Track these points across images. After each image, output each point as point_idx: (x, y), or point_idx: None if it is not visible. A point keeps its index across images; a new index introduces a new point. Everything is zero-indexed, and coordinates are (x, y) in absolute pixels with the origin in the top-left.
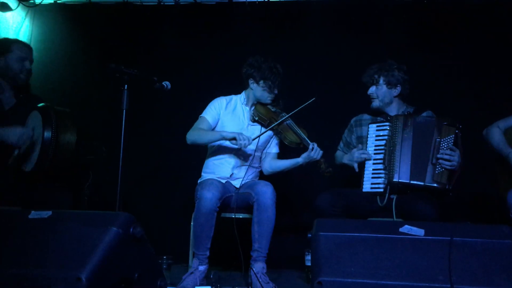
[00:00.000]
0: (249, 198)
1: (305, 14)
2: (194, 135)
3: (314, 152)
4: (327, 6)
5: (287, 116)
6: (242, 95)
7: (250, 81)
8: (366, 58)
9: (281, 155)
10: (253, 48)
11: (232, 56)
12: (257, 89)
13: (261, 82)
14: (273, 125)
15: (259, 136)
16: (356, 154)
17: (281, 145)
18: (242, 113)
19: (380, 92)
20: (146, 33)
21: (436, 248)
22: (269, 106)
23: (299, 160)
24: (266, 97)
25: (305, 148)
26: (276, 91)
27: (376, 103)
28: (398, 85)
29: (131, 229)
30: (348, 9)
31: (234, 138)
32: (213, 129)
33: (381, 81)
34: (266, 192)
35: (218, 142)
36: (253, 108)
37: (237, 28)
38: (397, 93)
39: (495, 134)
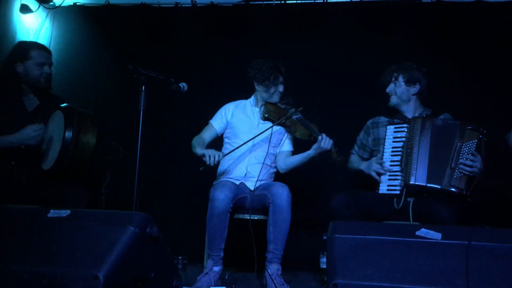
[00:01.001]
0: (265, 199)
1: (321, 15)
2: (192, 143)
3: (324, 142)
4: (342, 8)
5: (296, 111)
6: (252, 98)
7: (255, 83)
8: (382, 60)
9: (295, 153)
10: (269, 49)
11: (248, 58)
12: (262, 90)
13: (265, 82)
14: (281, 119)
15: (266, 130)
16: (374, 166)
17: (295, 142)
18: (252, 114)
19: (399, 89)
20: (163, 34)
21: (454, 253)
22: (278, 104)
23: (311, 152)
24: (272, 96)
25: (316, 141)
26: (281, 89)
27: (394, 100)
28: (417, 83)
29: (148, 229)
30: (364, 10)
31: (203, 155)
32: (221, 134)
33: (400, 78)
34: (282, 193)
35: (231, 142)
36: (262, 107)
37: (254, 30)
38: (416, 91)
39: None
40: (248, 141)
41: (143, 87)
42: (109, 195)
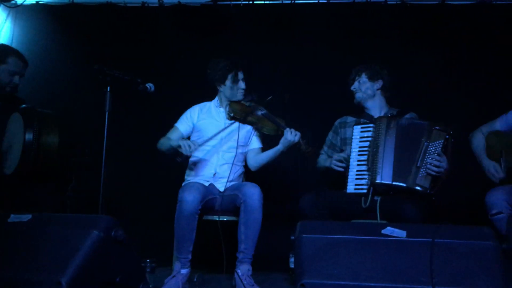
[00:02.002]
0: (236, 199)
1: (289, 16)
2: (159, 144)
3: (291, 134)
4: (310, 9)
5: (261, 107)
6: (215, 99)
7: (217, 85)
8: (350, 60)
9: (264, 149)
10: (238, 49)
11: (216, 58)
12: (225, 90)
13: (226, 82)
14: (248, 117)
15: (231, 125)
16: (334, 157)
17: (264, 139)
18: (217, 115)
19: (363, 86)
20: (130, 34)
21: (418, 250)
22: (243, 102)
23: (279, 146)
24: (236, 94)
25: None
26: (243, 86)
27: (359, 95)
28: (380, 79)
29: (113, 233)
30: (330, 11)
31: (179, 146)
32: (187, 138)
33: (363, 75)
34: (254, 193)
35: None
36: (227, 107)
37: (222, 30)
38: (380, 87)
39: (476, 139)
40: (217, 134)
41: (109, 87)
42: (75, 198)
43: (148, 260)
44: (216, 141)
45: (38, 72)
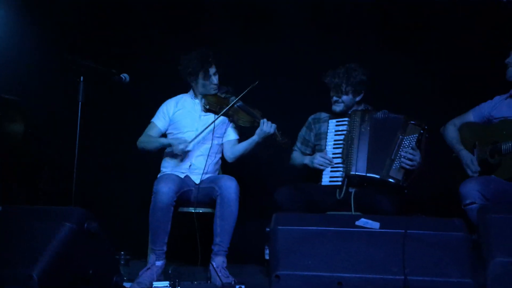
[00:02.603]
0: (212, 192)
1: (268, 9)
2: (142, 143)
3: (266, 126)
4: (291, 4)
5: (236, 99)
6: (191, 91)
7: (190, 80)
8: (325, 56)
9: (241, 141)
10: (215, 43)
11: (187, 52)
12: (198, 84)
13: (197, 79)
14: (224, 110)
15: (210, 124)
16: (318, 157)
17: (241, 131)
18: (193, 106)
19: (347, 100)
20: (105, 25)
21: (391, 241)
22: (218, 94)
23: (255, 137)
24: (209, 87)
25: None
26: (215, 81)
27: (340, 107)
28: (362, 92)
29: (86, 225)
30: (306, 6)
31: (170, 145)
32: (164, 132)
33: (350, 92)
34: (230, 186)
35: (175, 136)
36: (203, 99)
37: (199, 21)
38: (360, 99)
39: (450, 131)
40: (204, 130)
41: (82, 78)
42: (47, 191)
43: (122, 253)
44: (192, 134)
45: (9, 59)
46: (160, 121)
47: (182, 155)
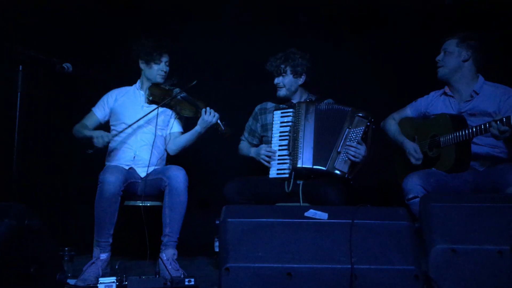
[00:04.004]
0: (161, 183)
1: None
2: (74, 131)
3: (208, 115)
4: None
5: (180, 90)
6: (137, 83)
7: (140, 63)
8: (270, 46)
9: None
10: (161, 31)
11: (135, 38)
12: (146, 69)
13: (148, 60)
14: (167, 100)
15: (151, 111)
16: (263, 151)
17: (185, 124)
18: (136, 98)
19: (287, 81)
20: (45, 10)
21: (339, 231)
22: (162, 86)
23: (197, 128)
24: (157, 74)
25: None
26: (165, 69)
27: (283, 92)
28: (303, 74)
29: (26, 221)
30: None
31: (92, 137)
32: (104, 122)
33: (288, 71)
34: (179, 175)
35: (117, 128)
36: (147, 90)
37: (146, 10)
38: (302, 82)
39: (391, 125)
40: (134, 123)
41: (21, 67)
42: None
43: (66, 249)
44: (134, 125)
45: None
46: (99, 110)
47: (124, 148)
